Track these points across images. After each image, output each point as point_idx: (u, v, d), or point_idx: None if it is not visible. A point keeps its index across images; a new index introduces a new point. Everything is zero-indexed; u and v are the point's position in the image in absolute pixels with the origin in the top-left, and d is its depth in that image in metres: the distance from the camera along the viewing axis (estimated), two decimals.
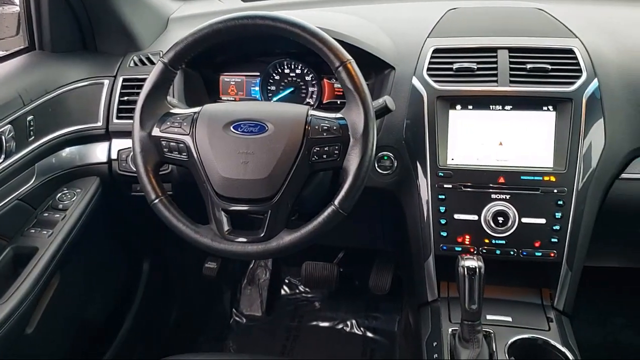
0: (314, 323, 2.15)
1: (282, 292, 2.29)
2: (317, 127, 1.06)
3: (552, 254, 1.21)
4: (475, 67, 1.26)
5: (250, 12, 1.10)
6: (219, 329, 2.15)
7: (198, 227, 1.10)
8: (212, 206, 1.09)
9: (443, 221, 1.25)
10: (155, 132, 1.12)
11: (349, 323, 2.12)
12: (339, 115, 1.09)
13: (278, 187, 1.05)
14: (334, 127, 1.06)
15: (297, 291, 2.27)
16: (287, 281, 2.30)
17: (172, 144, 1.11)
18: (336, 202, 1.05)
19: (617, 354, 1.95)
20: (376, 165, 1.30)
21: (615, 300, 2.05)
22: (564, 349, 1.11)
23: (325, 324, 2.14)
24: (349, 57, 1.06)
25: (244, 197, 1.06)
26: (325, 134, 1.06)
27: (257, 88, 1.49)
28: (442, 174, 1.24)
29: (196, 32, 1.11)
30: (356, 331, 2.10)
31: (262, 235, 1.07)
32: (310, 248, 2.15)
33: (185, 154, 1.10)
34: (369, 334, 2.08)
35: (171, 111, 1.15)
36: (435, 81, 1.27)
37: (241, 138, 1.07)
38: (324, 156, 1.06)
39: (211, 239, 1.09)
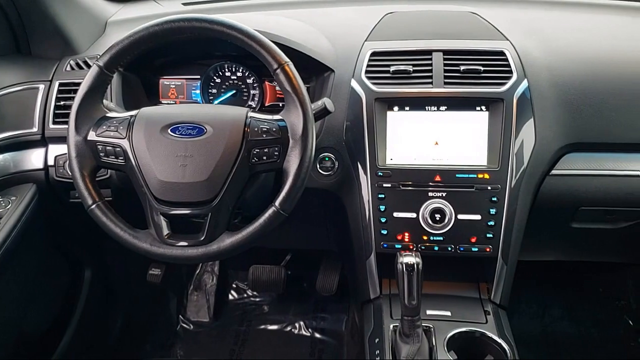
0: (263, 326, 2.15)
1: (230, 297, 2.28)
2: (256, 129, 1.07)
3: (488, 249, 1.26)
4: (411, 70, 1.30)
5: (187, 15, 1.09)
6: (165, 336, 2.12)
7: (137, 232, 1.09)
8: (150, 210, 1.08)
9: (383, 220, 1.28)
10: (91, 136, 1.10)
11: (297, 325, 2.13)
12: (278, 117, 1.09)
13: (218, 189, 1.05)
14: (274, 129, 1.07)
15: (245, 295, 2.26)
16: (234, 286, 2.29)
17: (108, 148, 1.09)
18: (277, 203, 1.05)
19: (554, 344, 2.03)
20: (318, 166, 1.32)
21: (553, 293, 2.14)
22: (500, 341, 1.15)
23: (274, 327, 2.14)
24: (287, 59, 1.07)
25: (184, 201, 1.06)
26: (264, 135, 1.07)
27: (197, 91, 1.49)
28: (381, 174, 1.27)
29: (132, 34, 1.10)
30: (304, 332, 2.11)
31: (202, 238, 1.06)
32: (257, 252, 2.17)
33: (122, 158, 1.09)
34: (317, 335, 2.10)
35: (107, 115, 1.13)
36: (373, 83, 1.29)
37: (179, 141, 1.06)
38: (264, 158, 1.07)
39: (150, 243, 1.08)
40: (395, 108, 1.28)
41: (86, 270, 1.82)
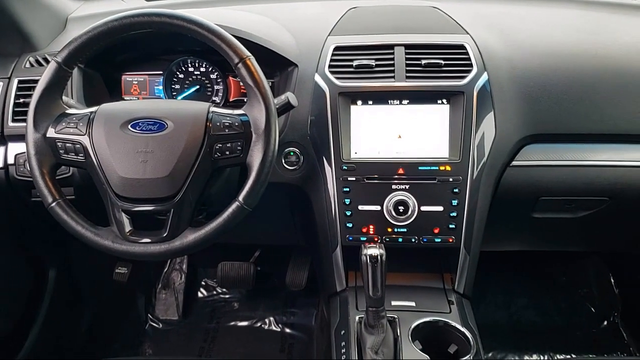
0: (232, 323, 2.14)
1: (199, 294, 2.27)
2: (218, 123, 1.07)
3: (451, 240, 1.28)
4: (374, 64, 1.31)
5: (146, 10, 1.09)
6: (134, 335, 2.10)
7: (98, 230, 1.08)
8: (112, 207, 1.07)
9: (348, 213, 1.29)
10: (50, 133, 1.09)
11: (267, 321, 2.14)
12: (240, 111, 1.09)
13: (180, 185, 1.05)
14: (236, 124, 1.07)
15: (215, 293, 2.26)
16: (203, 283, 2.28)
17: (68, 145, 1.08)
18: (240, 197, 1.05)
19: (520, 332, 2.07)
20: (283, 161, 1.32)
21: (518, 283, 2.19)
22: (463, 329, 1.17)
23: (244, 323, 2.14)
24: (248, 53, 1.07)
25: (145, 197, 1.05)
26: (227, 130, 1.06)
27: (160, 87, 1.47)
28: (346, 167, 1.28)
29: (90, 30, 1.09)
30: (274, 328, 2.12)
31: (165, 235, 1.06)
32: (226, 248, 2.16)
33: (82, 155, 1.08)
34: (287, 330, 2.11)
35: (67, 111, 1.12)
36: (337, 78, 1.30)
37: (140, 137, 1.05)
38: (227, 153, 1.07)
39: (112, 240, 1.07)
40: (359, 102, 1.29)
41: (50, 270, 1.79)
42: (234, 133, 1.06)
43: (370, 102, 1.29)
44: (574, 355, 1.95)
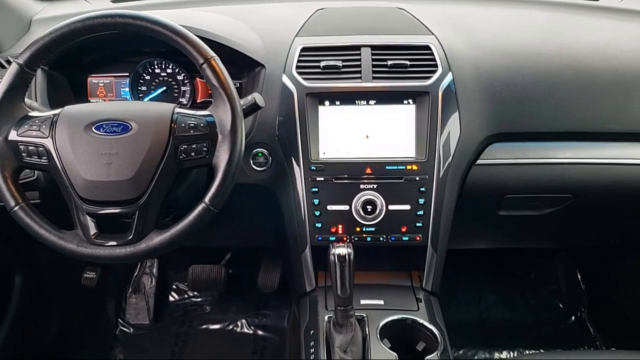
0: (204, 326, 2.13)
1: (171, 298, 2.25)
2: (183, 124, 1.06)
3: (418, 238, 1.29)
4: (341, 65, 1.31)
5: (110, 11, 1.08)
6: (104, 340, 2.07)
7: (62, 233, 1.06)
8: (76, 210, 1.06)
9: (317, 213, 1.29)
10: (12, 136, 1.07)
11: (239, 323, 2.13)
12: (206, 112, 1.09)
13: (145, 187, 1.04)
14: (201, 125, 1.06)
15: (186, 296, 2.24)
16: (174, 287, 2.26)
17: (30, 148, 1.06)
18: (206, 199, 1.05)
19: (490, 330, 2.10)
20: (251, 162, 1.32)
21: (487, 281, 2.22)
22: (431, 326, 1.18)
23: (216, 326, 2.13)
24: (213, 54, 1.07)
25: (110, 200, 1.04)
26: (192, 131, 1.06)
27: (127, 89, 1.46)
28: (314, 168, 1.28)
29: (53, 31, 1.08)
30: (247, 330, 2.11)
31: (130, 237, 1.05)
32: (197, 251, 2.14)
33: (45, 158, 1.06)
34: (260, 332, 2.10)
35: (30, 114, 1.10)
36: (304, 78, 1.30)
37: (104, 139, 1.04)
38: (192, 154, 1.06)
39: (77, 244, 1.05)
40: (327, 103, 1.30)
41: (16, 276, 1.76)
42: (199, 134, 1.06)
43: (338, 103, 1.30)
44: (542, 351, 1.98)
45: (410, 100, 1.29)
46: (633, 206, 1.47)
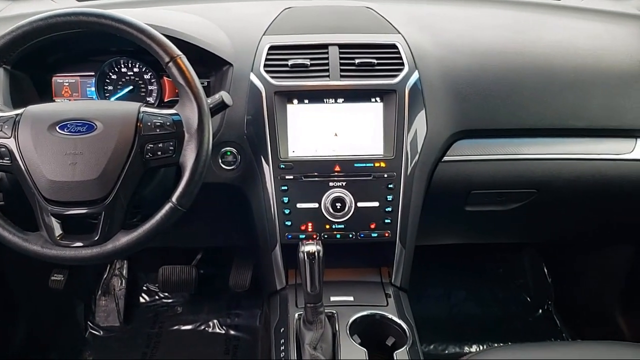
0: (176, 327, 2.12)
1: (141, 299, 2.22)
2: (149, 123, 1.06)
3: (387, 234, 1.30)
4: (309, 63, 1.32)
5: (73, 9, 1.07)
6: (73, 343, 2.04)
7: (27, 235, 1.05)
8: (40, 212, 1.05)
9: (287, 211, 1.30)
10: None
11: (211, 324, 2.12)
12: (172, 111, 1.09)
13: (111, 187, 1.03)
14: (168, 123, 1.06)
15: (157, 297, 2.22)
16: (145, 288, 2.24)
17: None
18: (174, 198, 1.05)
19: (460, 325, 2.14)
20: (220, 161, 1.32)
21: (457, 276, 2.25)
22: (400, 321, 1.20)
23: (187, 327, 2.12)
24: (179, 52, 1.07)
25: (75, 200, 1.03)
26: (158, 130, 1.05)
27: (93, 88, 1.44)
28: (283, 166, 1.28)
29: (14, 30, 1.06)
30: (218, 330, 2.10)
31: (96, 238, 1.04)
32: (167, 252, 2.12)
33: (7, 158, 1.04)
34: (232, 332, 2.10)
35: None
36: (272, 77, 1.30)
37: (68, 138, 1.03)
38: (159, 153, 1.06)
39: (41, 246, 1.04)
40: (295, 101, 1.30)
41: None
42: (165, 133, 1.05)
43: (306, 101, 1.30)
44: (510, 344, 2.02)
45: (377, 98, 1.30)
46: (594, 200, 1.52)
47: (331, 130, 1.31)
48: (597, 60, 1.43)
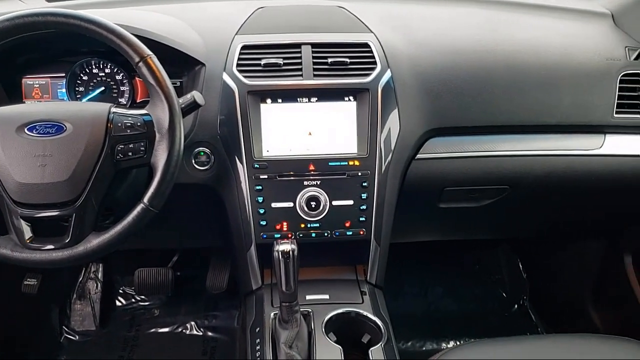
0: (153, 330, 2.10)
1: (118, 303, 2.20)
2: (120, 124, 1.05)
3: (362, 232, 1.31)
4: (282, 63, 1.32)
5: (41, 9, 1.05)
6: (48, 348, 2.01)
7: None
8: (9, 214, 1.03)
9: (262, 211, 1.29)
10: None
11: (188, 326, 2.11)
12: (143, 111, 1.08)
13: (81, 188, 1.02)
14: (138, 124, 1.05)
15: (133, 300, 2.20)
16: (121, 291, 2.21)
17: None
18: (145, 199, 1.04)
19: (437, 321, 2.15)
20: (193, 161, 1.31)
21: (434, 273, 2.27)
22: (374, 318, 1.21)
23: (165, 330, 2.10)
24: (149, 52, 1.06)
25: (45, 202, 1.01)
26: (129, 130, 1.05)
27: (63, 90, 1.42)
28: (257, 166, 1.28)
29: None
30: (196, 332, 2.09)
31: (67, 240, 1.03)
32: (143, 255, 2.10)
33: None
34: (210, 333, 2.09)
35: None
36: (245, 76, 1.30)
37: (37, 140, 1.02)
38: (130, 154, 1.05)
39: (11, 249, 1.02)
40: (268, 100, 1.30)
41: None
42: (136, 133, 1.04)
43: (280, 100, 1.30)
44: (483, 339, 2.04)
45: (351, 97, 1.31)
46: (566, 196, 1.54)
47: (305, 130, 1.31)
48: (566, 58, 1.45)
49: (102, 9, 1.53)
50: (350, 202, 1.30)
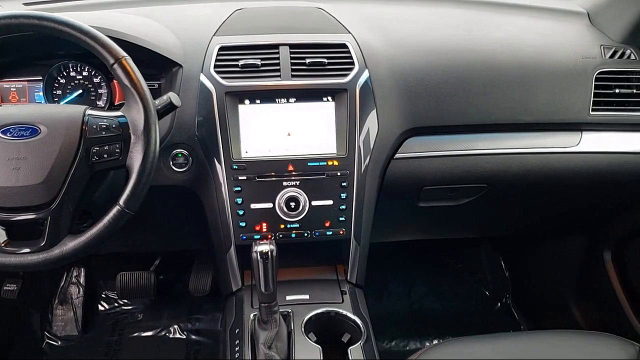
0: (136, 334, 2.09)
1: (100, 307, 2.19)
2: (94, 126, 1.04)
3: (341, 232, 1.31)
4: (260, 63, 1.32)
5: (15, 12, 1.04)
6: (29, 355, 1.99)
7: None
8: None
9: (241, 212, 1.29)
10: None
11: (171, 329, 2.10)
12: (118, 113, 1.07)
13: (56, 191, 1.01)
14: (113, 126, 1.05)
15: (116, 305, 2.19)
16: (104, 296, 2.20)
17: None
18: (121, 201, 1.03)
19: (421, 320, 2.16)
20: (171, 163, 1.31)
21: (418, 273, 2.28)
22: (354, 317, 1.21)
23: (148, 334, 2.09)
24: (124, 54, 1.06)
25: (20, 206, 1.00)
26: (104, 132, 1.04)
27: (41, 93, 1.41)
28: (236, 167, 1.28)
29: None
30: (179, 336, 2.08)
31: (43, 244, 1.02)
32: (126, 258, 2.08)
33: None
34: (193, 336, 2.08)
35: None
36: (223, 77, 1.30)
37: (11, 143, 1.01)
38: (105, 156, 1.04)
39: None
40: (247, 101, 1.30)
41: None
42: (111, 135, 1.04)
43: (258, 101, 1.31)
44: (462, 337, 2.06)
45: (329, 97, 1.31)
46: (544, 193, 1.55)
47: (284, 130, 1.31)
48: (542, 56, 1.47)
49: (79, 11, 1.52)
50: (330, 202, 1.30)
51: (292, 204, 1.28)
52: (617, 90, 1.47)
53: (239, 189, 1.29)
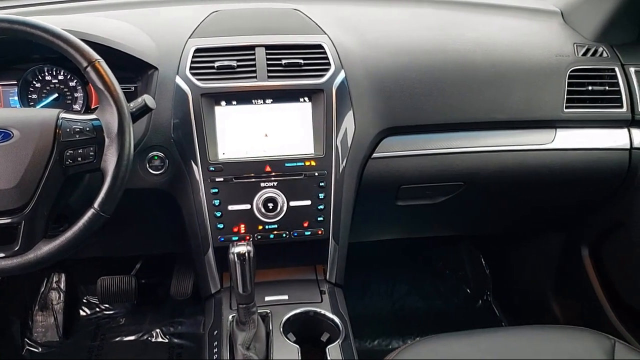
0: (118, 339, 2.07)
1: (82, 312, 2.17)
2: (68, 129, 1.04)
3: (320, 232, 1.32)
4: (236, 65, 1.32)
5: None
6: None
7: None
8: None
9: (218, 214, 1.29)
10: None
11: (153, 333, 2.09)
12: (92, 116, 1.07)
13: (30, 195, 1.01)
14: (87, 129, 1.04)
15: (97, 310, 2.17)
16: (85, 301, 2.18)
17: None
18: (96, 204, 1.03)
19: (403, 319, 2.17)
20: (147, 165, 1.30)
21: (400, 271, 2.29)
22: (332, 316, 1.21)
23: (130, 338, 2.08)
24: (97, 56, 1.05)
25: None
26: (78, 136, 1.04)
27: (16, 97, 1.40)
28: (213, 169, 1.28)
29: None
30: (162, 339, 2.07)
31: (17, 248, 1.01)
32: (107, 263, 2.07)
33: None
34: (175, 340, 2.07)
35: None
36: (199, 79, 1.30)
37: None
38: (79, 159, 1.04)
39: None
40: (223, 103, 1.30)
41: None
42: (85, 138, 1.04)
43: (235, 103, 1.31)
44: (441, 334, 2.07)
45: (306, 98, 1.32)
46: (520, 191, 1.57)
47: (261, 131, 1.31)
48: (516, 55, 1.48)
49: (52, 15, 1.52)
50: (308, 203, 1.30)
51: (270, 205, 1.28)
52: (590, 88, 1.49)
53: (216, 190, 1.29)
